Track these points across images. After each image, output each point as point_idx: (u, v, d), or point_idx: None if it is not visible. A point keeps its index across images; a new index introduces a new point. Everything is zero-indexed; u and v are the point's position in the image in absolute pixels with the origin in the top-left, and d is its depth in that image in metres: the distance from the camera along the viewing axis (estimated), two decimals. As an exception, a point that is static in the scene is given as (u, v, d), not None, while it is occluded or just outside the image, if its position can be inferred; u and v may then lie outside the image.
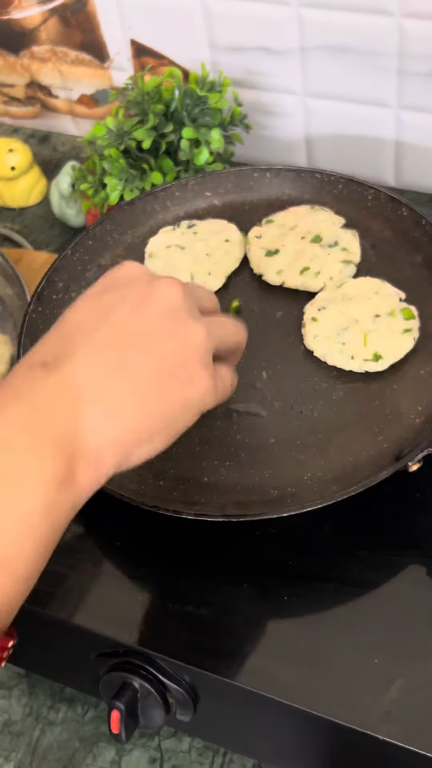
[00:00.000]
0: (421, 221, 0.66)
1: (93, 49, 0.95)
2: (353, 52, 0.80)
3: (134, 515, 0.54)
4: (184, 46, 0.89)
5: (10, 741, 0.62)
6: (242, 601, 0.53)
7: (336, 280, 0.65)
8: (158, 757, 0.60)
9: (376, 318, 0.62)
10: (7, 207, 0.97)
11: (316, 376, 0.61)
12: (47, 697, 0.64)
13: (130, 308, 0.43)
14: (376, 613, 0.52)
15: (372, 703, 0.48)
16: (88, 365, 0.40)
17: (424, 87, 0.80)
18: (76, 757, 0.61)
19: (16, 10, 0.96)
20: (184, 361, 0.43)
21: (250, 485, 0.55)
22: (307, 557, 0.55)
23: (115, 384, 0.40)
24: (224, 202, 0.75)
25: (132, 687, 0.52)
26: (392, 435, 0.56)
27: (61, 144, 1.05)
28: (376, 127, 0.85)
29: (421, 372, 0.59)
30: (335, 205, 0.72)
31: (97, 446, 0.39)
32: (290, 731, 0.53)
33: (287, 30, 0.81)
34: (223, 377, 0.47)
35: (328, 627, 0.52)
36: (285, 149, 0.92)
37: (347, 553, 0.55)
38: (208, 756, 0.59)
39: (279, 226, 0.70)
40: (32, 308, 0.65)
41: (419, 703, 0.48)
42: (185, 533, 0.56)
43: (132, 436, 0.41)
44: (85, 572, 0.56)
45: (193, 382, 0.43)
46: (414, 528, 0.56)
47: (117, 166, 0.78)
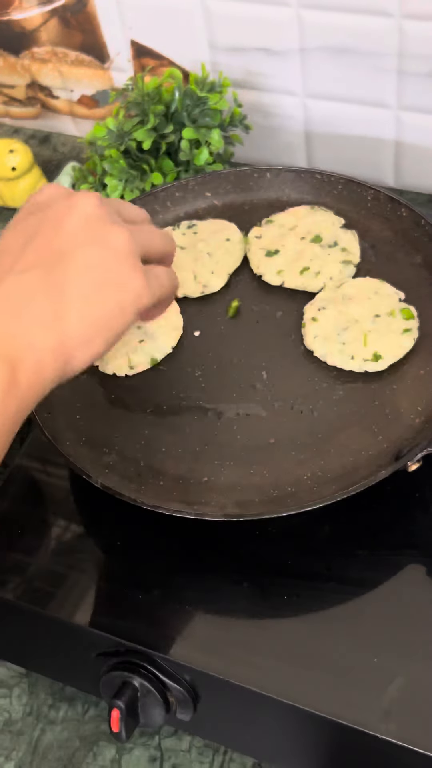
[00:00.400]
0: (420, 221, 0.66)
1: (93, 49, 0.95)
2: (353, 52, 0.80)
3: (134, 515, 0.54)
4: (184, 47, 0.89)
5: (10, 740, 0.62)
6: (242, 601, 0.53)
7: (336, 281, 0.65)
8: (158, 756, 0.60)
9: (375, 318, 0.62)
10: (7, 207, 0.98)
11: (316, 376, 0.61)
12: (47, 696, 0.64)
13: (51, 227, 0.45)
14: (376, 612, 0.52)
15: (372, 703, 0.48)
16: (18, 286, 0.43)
17: (423, 87, 0.80)
18: (77, 756, 0.61)
19: (16, 11, 0.96)
20: (109, 264, 0.45)
21: (250, 485, 0.55)
22: (307, 557, 0.55)
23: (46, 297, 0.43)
24: (224, 202, 0.75)
25: (132, 686, 0.52)
26: (392, 435, 0.56)
27: (61, 144, 1.05)
28: (375, 128, 0.85)
29: (421, 372, 0.59)
30: (335, 205, 0.72)
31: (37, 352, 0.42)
32: (290, 730, 0.53)
33: (287, 31, 0.81)
34: (158, 275, 0.49)
35: (328, 627, 0.52)
36: (285, 150, 0.92)
37: (347, 553, 0.55)
38: (208, 755, 0.59)
39: (279, 226, 0.70)
40: (33, 308, 0.65)
41: (419, 702, 0.48)
42: (185, 533, 0.56)
43: (69, 341, 0.43)
44: (85, 572, 0.56)
45: (124, 284, 0.45)
46: (414, 528, 0.56)
47: (117, 166, 0.78)
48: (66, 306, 0.43)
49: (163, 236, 0.52)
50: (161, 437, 0.59)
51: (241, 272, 0.69)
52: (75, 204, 0.46)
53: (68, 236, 0.44)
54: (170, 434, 0.59)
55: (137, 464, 0.57)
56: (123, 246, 0.45)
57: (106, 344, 0.45)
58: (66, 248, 0.44)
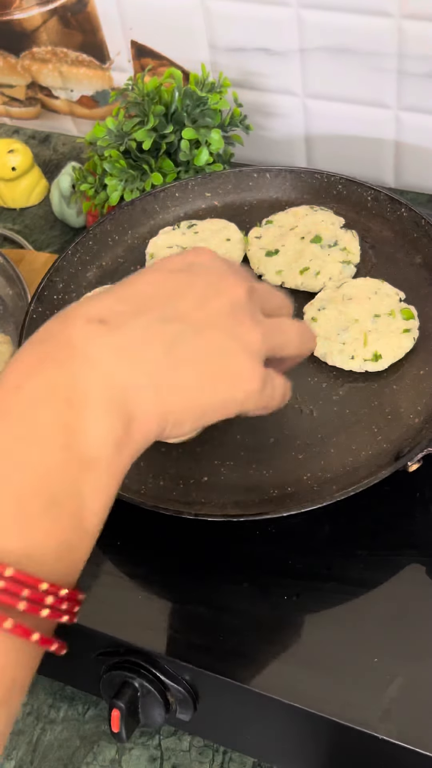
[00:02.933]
0: (420, 221, 0.66)
1: (93, 50, 0.95)
2: (353, 53, 0.80)
3: (134, 515, 0.54)
4: (184, 47, 0.89)
5: (10, 740, 0.62)
6: (242, 600, 0.53)
7: (336, 281, 0.66)
8: (158, 756, 0.60)
9: (375, 318, 0.62)
10: (7, 207, 0.98)
11: (316, 376, 0.61)
12: (48, 695, 0.64)
13: (195, 298, 0.43)
14: (376, 612, 0.52)
15: (372, 702, 0.48)
16: (147, 335, 0.40)
17: (423, 88, 0.80)
18: (77, 756, 0.61)
19: (16, 11, 0.96)
20: (233, 357, 0.43)
21: (250, 485, 0.55)
22: (307, 557, 0.55)
23: (167, 361, 0.40)
24: (224, 202, 0.75)
25: (132, 686, 0.52)
26: (392, 435, 0.56)
27: (61, 145, 1.06)
28: (375, 128, 0.85)
29: (421, 372, 0.59)
30: (335, 205, 0.72)
31: (146, 413, 0.40)
32: (290, 730, 0.53)
33: (287, 31, 0.81)
34: (275, 385, 0.46)
35: (328, 627, 0.52)
36: (285, 150, 0.92)
37: (347, 552, 0.55)
38: (208, 755, 0.60)
39: (279, 226, 0.70)
40: (33, 308, 0.65)
41: (419, 702, 0.48)
42: (185, 533, 0.56)
43: (168, 416, 0.41)
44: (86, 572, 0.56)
45: (240, 380, 0.43)
46: (414, 528, 0.56)
47: (117, 166, 0.78)
48: (179, 383, 0.41)
49: (300, 334, 0.49)
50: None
51: (241, 272, 0.69)
52: (227, 288, 0.44)
53: (209, 314, 0.43)
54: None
55: (137, 464, 0.57)
56: (252, 344, 0.43)
57: (193, 430, 0.44)
58: (202, 325, 0.42)
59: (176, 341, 0.41)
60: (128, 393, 0.39)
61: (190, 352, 0.41)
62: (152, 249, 0.71)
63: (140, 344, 0.40)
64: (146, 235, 0.73)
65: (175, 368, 0.41)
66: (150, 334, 0.40)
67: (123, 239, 0.73)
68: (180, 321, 0.42)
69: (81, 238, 0.71)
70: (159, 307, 0.41)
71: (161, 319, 0.41)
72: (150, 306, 0.41)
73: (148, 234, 0.73)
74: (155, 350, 0.40)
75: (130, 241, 0.73)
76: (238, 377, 0.43)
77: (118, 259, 0.72)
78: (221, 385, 0.43)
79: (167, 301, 0.42)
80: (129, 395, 0.39)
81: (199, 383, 0.42)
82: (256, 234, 0.70)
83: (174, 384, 0.41)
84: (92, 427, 0.37)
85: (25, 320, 0.65)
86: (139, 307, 0.41)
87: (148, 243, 0.72)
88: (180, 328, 0.41)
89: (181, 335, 0.41)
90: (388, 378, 0.60)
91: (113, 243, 0.72)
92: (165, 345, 0.41)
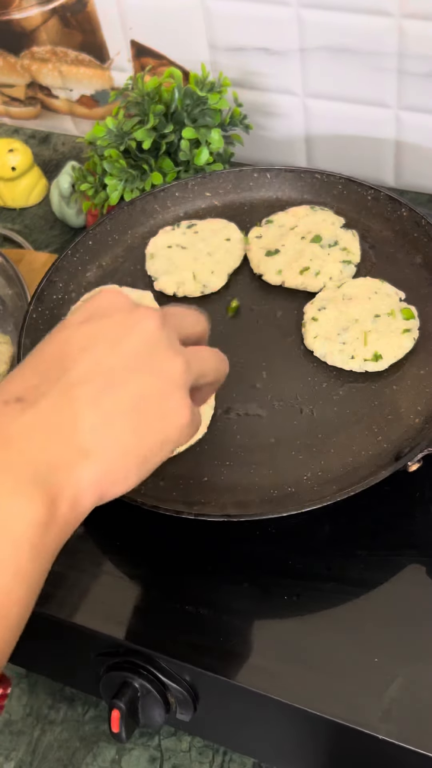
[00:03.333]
0: (420, 221, 0.66)
1: (93, 49, 0.95)
2: (353, 52, 0.80)
3: (134, 515, 0.54)
4: (184, 47, 0.89)
5: (10, 740, 0.62)
6: (242, 601, 0.53)
7: (336, 280, 0.65)
8: (158, 757, 0.60)
9: (375, 318, 0.62)
10: (7, 207, 0.97)
11: (316, 376, 0.61)
12: (47, 696, 0.64)
13: (107, 343, 0.41)
14: (376, 612, 0.52)
15: (372, 703, 0.48)
16: (64, 404, 0.39)
17: (423, 87, 0.80)
18: (77, 757, 0.61)
19: (16, 10, 0.96)
20: (160, 397, 0.42)
21: (250, 485, 0.55)
22: (307, 557, 0.55)
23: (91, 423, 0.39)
24: (224, 202, 0.75)
25: (132, 686, 0.52)
26: (392, 435, 0.56)
27: (61, 144, 1.05)
28: (375, 128, 0.85)
29: (421, 372, 0.59)
30: (335, 205, 0.72)
31: (75, 487, 0.38)
32: (290, 730, 0.53)
33: (287, 30, 0.81)
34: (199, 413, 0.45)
35: (328, 627, 0.52)
36: (285, 149, 0.92)
37: (347, 553, 0.55)
38: (208, 755, 0.59)
39: (279, 226, 0.70)
40: (32, 308, 0.65)
41: (419, 702, 0.48)
42: (185, 533, 0.56)
43: (109, 476, 0.40)
44: (85, 572, 0.56)
45: (171, 418, 0.42)
46: (414, 528, 0.56)
47: (117, 166, 0.78)
48: (111, 437, 0.39)
49: (218, 361, 0.48)
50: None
51: (241, 272, 0.69)
52: (136, 323, 0.42)
53: (124, 357, 0.41)
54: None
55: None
56: (177, 377, 0.42)
57: (140, 479, 0.41)
58: (120, 370, 0.41)
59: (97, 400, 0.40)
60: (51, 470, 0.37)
61: (113, 405, 0.40)
62: (152, 248, 0.71)
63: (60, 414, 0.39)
64: (146, 235, 0.73)
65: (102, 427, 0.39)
66: (68, 401, 0.39)
67: (123, 239, 0.73)
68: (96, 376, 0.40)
69: (81, 238, 0.71)
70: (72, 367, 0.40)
71: (77, 381, 0.40)
72: (63, 369, 0.40)
73: (148, 234, 0.73)
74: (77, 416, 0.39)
75: (130, 241, 0.73)
76: (167, 414, 0.42)
77: (118, 258, 0.72)
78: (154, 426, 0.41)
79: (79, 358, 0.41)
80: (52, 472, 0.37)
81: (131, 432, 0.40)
82: (256, 234, 0.70)
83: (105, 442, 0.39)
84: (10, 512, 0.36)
85: (25, 320, 0.65)
86: (52, 375, 0.40)
87: (148, 243, 0.72)
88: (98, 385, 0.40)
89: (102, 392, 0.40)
90: (388, 378, 0.60)
91: (113, 243, 0.72)
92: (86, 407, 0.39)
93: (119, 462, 0.40)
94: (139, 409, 0.40)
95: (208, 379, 0.47)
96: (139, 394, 0.41)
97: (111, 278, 0.70)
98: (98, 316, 0.43)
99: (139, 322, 0.42)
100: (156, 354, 0.42)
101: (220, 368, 0.48)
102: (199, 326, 0.47)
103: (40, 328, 0.65)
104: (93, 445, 0.39)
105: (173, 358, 0.42)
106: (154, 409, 0.41)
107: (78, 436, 0.39)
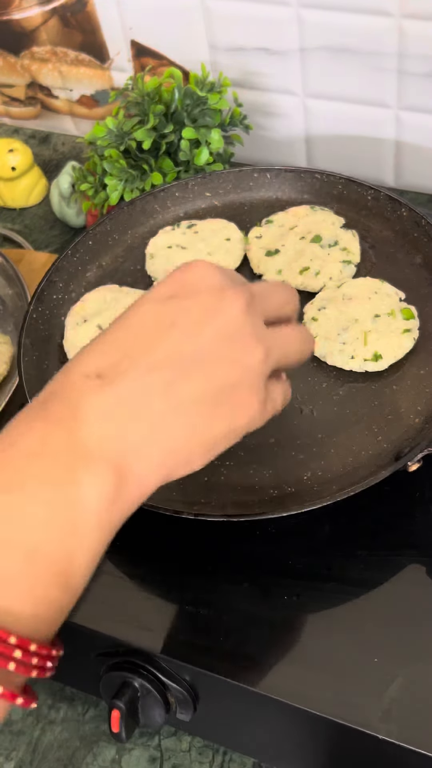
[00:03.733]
0: (420, 221, 0.66)
1: (93, 49, 0.95)
2: (353, 52, 0.80)
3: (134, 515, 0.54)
4: (184, 47, 0.89)
5: (10, 740, 0.62)
6: (242, 601, 0.53)
7: (336, 280, 0.65)
8: (158, 756, 0.60)
9: (375, 318, 0.62)
10: (7, 207, 0.97)
11: (316, 376, 0.61)
12: (47, 696, 0.64)
13: (190, 325, 0.41)
14: (376, 612, 0.52)
15: (372, 703, 0.48)
16: (140, 387, 0.40)
17: (423, 87, 0.80)
18: (77, 756, 0.61)
19: (16, 10, 0.96)
20: (234, 387, 0.41)
21: (250, 485, 0.55)
22: (307, 557, 0.55)
23: (162, 407, 0.40)
24: (224, 202, 0.75)
25: (132, 686, 0.52)
26: (392, 435, 0.56)
27: (61, 144, 1.05)
28: (375, 128, 0.85)
29: (421, 372, 0.59)
30: (335, 205, 0.72)
31: (143, 467, 0.39)
32: (290, 730, 0.53)
33: (287, 30, 0.81)
34: (274, 397, 0.45)
35: (328, 627, 0.52)
36: (285, 149, 0.92)
37: (347, 553, 0.55)
38: (208, 755, 0.59)
39: (279, 226, 0.70)
40: (32, 308, 0.65)
41: (419, 702, 0.48)
42: (185, 533, 0.56)
43: (175, 459, 0.41)
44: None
45: (241, 409, 0.42)
46: (414, 528, 0.56)
47: (117, 166, 0.78)
48: (181, 422, 0.40)
49: (302, 342, 0.47)
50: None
51: (241, 272, 0.69)
52: (222, 307, 0.41)
53: (204, 344, 0.41)
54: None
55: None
56: (255, 367, 0.42)
57: (204, 463, 0.42)
58: (198, 356, 0.41)
59: (172, 387, 0.40)
60: (123, 449, 0.39)
61: (187, 393, 0.40)
62: (152, 249, 0.71)
63: (135, 397, 0.39)
64: (146, 235, 0.73)
65: (174, 413, 0.40)
66: (144, 386, 0.40)
67: (123, 239, 0.73)
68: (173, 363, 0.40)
69: (81, 238, 0.71)
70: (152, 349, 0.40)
71: (155, 366, 0.40)
72: (143, 349, 0.40)
73: (148, 234, 0.73)
74: (151, 400, 0.40)
75: (130, 241, 0.73)
76: (240, 407, 0.42)
77: (118, 258, 0.72)
78: (223, 415, 0.41)
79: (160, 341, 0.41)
80: (123, 452, 0.39)
81: (200, 419, 0.41)
82: (256, 234, 0.70)
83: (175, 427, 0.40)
84: (81, 484, 0.37)
85: (25, 320, 0.65)
86: (133, 353, 0.40)
87: (148, 243, 0.72)
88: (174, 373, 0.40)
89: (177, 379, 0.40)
90: (389, 378, 0.60)
91: (113, 243, 0.72)
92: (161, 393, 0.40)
93: (186, 447, 0.41)
94: (209, 399, 0.41)
95: (290, 362, 0.46)
96: (213, 384, 0.41)
97: (111, 278, 0.70)
98: (185, 293, 0.42)
99: (226, 306, 0.42)
100: (237, 341, 0.42)
101: (304, 350, 0.47)
102: (288, 307, 0.47)
103: (40, 328, 0.65)
104: (162, 429, 0.40)
105: (254, 348, 0.42)
106: (226, 398, 0.41)
107: (149, 419, 0.39)
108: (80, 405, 0.39)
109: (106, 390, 0.39)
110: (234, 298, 0.42)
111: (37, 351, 0.64)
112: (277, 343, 0.44)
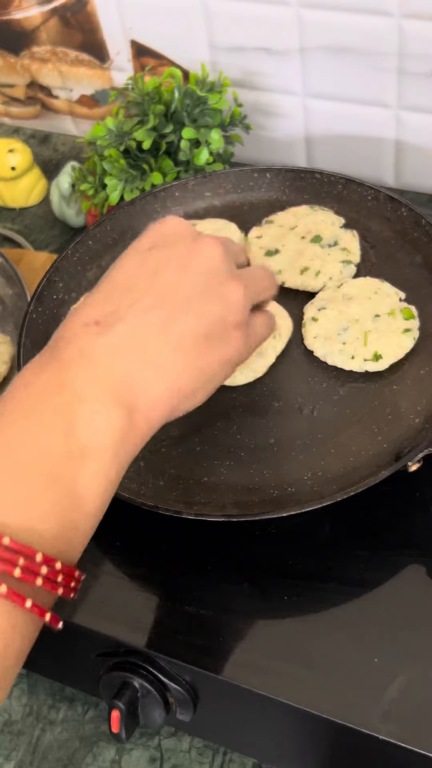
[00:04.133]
0: (420, 221, 0.66)
1: (93, 49, 0.95)
2: (353, 52, 0.80)
3: (134, 515, 0.54)
4: (184, 47, 0.89)
5: (10, 740, 0.62)
6: (242, 601, 0.53)
7: (336, 280, 0.65)
8: (158, 757, 0.60)
9: (376, 318, 0.62)
10: (7, 207, 0.97)
11: (316, 376, 0.61)
12: (47, 696, 0.64)
13: (175, 269, 0.45)
14: (376, 612, 0.52)
15: (372, 703, 0.48)
16: (138, 327, 0.43)
17: (424, 87, 0.80)
18: (77, 757, 0.61)
19: (16, 10, 0.96)
20: (223, 320, 0.46)
21: (250, 485, 0.55)
22: (307, 557, 0.55)
23: (161, 344, 0.43)
24: (224, 202, 0.75)
25: (132, 686, 0.52)
26: (392, 435, 0.56)
27: (61, 144, 1.05)
28: (376, 127, 0.85)
29: (421, 372, 0.59)
30: (335, 205, 0.72)
31: (150, 401, 0.43)
32: (290, 731, 0.53)
33: (287, 30, 0.81)
34: (255, 327, 0.50)
35: (328, 627, 0.52)
36: (285, 149, 0.92)
37: (347, 553, 0.55)
38: (208, 755, 0.59)
39: (279, 226, 0.70)
40: (32, 308, 0.65)
41: (419, 702, 0.48)
42: (185, 533, 0.56)
43: (179, 392, 0.44)
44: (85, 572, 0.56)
45: (229, 340, 0.46)
46: (414, 528, 0.56)
47: (117, 166, 0.78)
48: (180, 356, 0.44)
49: (269, 279, 0.53)
50: (161, 437, 0.59)
51: (241, 272, 0.69)
52: (201, 250, 0.47)
53: (191, 284, 0.45)
54: (170, 434, 0.59)
55: (137, 464, 0.57)
56: (238, 302, 0.47)
57: (206, 396, 0.47)
58: (187, 295, 0.45)
59: (168, 324, 0.44)
60: (129, 385, 0.42)
61: (182, 328, 0.44)
62: (152, 249, 0.71)
63: (135, 337, 0.43)
64: (146, 235, 0.73)
65: (173, 348, 0.44)
66: (142, 325, 0.43)
67: (123, 239, 0.73)
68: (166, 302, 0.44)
69: (81, 238, 0.71)
70: (144, 293, 0.44)
71: (149, 307, 0.44)
72: (136, 295, 0.44)
73: (148, 234, 0.73)
74: (150, 338, 0.43)
75: (129, 241, 0.72)
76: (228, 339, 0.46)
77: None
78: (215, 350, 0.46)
79: (149, 284, 0.45)
80: (130, 387, 0.42)
81: (197, 352, 0.45)
82: (256, 234, 0.70)
83: (176, 362, 0.44)
84: (92, 419, 0.40)
85: (25, 320, 0.64)
86: (126, 300, 0.44)
87: (148, 243, 0.72)
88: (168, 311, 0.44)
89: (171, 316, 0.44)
90: (389, 378, 0.60)
91: (113, 243, 0.72)
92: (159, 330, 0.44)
93: (188, 379, 0.44)
94: (201, 333, 0.45)
95: (262, 297, 0.52)
96: (202, 318, 0.45)
97: (111, 278, 0.70)
98: (164, 243, 0.47)
99: (203, 250, 0.47)
100: (218, 280, 0.46)
101: (271, 287, 0.53)
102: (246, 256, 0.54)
103: (40, 328, 0.65)
104: (165, 364, 0.43)
105: (234, 284, 0.47)
106: (218, 331, 0.46)
107: (152, 356, 0.43)
108: (85, 347, 0.42)
109: (107, 333, 0.43)
110: (212, 245, 0.47)
111: (37, 351, 0.63)
112: (251, 281, 0.49)
